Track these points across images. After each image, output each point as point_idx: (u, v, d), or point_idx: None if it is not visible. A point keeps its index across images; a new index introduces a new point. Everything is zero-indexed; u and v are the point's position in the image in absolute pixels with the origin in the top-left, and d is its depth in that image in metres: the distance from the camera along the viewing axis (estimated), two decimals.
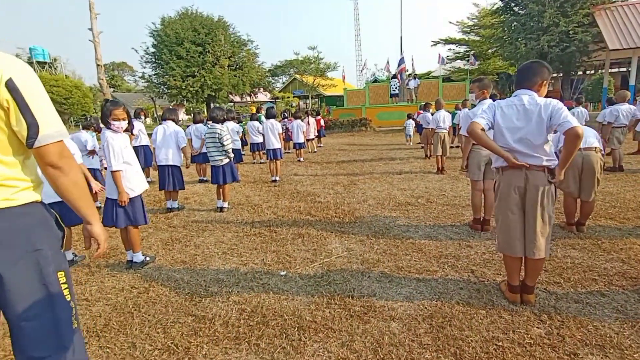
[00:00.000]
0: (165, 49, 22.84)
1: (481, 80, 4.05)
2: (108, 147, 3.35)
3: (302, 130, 10.01)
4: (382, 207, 5.28)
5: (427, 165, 8.48)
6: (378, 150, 11.73)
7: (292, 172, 8.57)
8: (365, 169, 8.42)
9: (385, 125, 19.05)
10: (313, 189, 6.70)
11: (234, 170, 5.41)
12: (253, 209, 5.51)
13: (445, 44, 31.79)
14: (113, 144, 3.35)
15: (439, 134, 7.37)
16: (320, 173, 8.28)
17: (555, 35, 18.30)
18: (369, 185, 6.71)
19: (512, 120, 2.52)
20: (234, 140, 7.62)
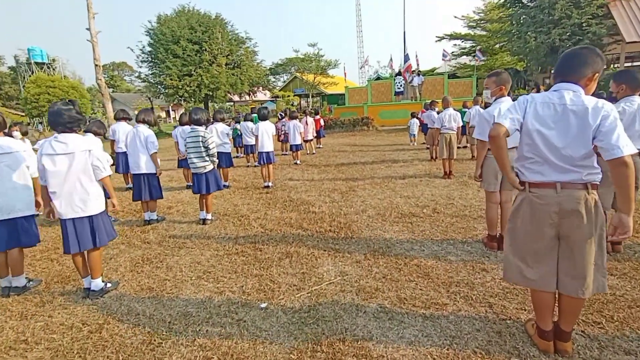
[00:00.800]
0: (161, 47, 22.44)
1: (499, 74, 3.50)
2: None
3: (299, 131, 9.50)
4: (383, 218, 4.76)
5: (433, 169, 7.94)
6: (380, 152, 11.20)
7: (287, 177, 8.06)
8: (365, 173, 7.89)
9: (388, 125, 18.49)
10: (308, 196, 6.19)
11: (218, 178, 4.91)
12: (239, 221, 5.01)
13: (450, 39, 31.14)
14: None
15: (444, 135, 6.82)
16: (317, 178, 7.77)
17: (567, 28, 17.63)
18: (369, 192, 6.18)
19: (547, 124, 1.99)
20: (224, 143, 7.13)
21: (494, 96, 3.54)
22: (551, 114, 1.98)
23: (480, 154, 3.58)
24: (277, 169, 9.23)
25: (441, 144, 6.85)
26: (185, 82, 22.19)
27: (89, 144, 3.07)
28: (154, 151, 4.79)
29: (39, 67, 41.50)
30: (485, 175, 3.57)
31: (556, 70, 2.11)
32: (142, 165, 4.83)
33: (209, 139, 4.64)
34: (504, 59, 29.37)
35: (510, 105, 2.13)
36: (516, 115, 2.06)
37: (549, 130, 1.98)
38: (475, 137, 3.64)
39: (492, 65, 29.46)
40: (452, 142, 6.79)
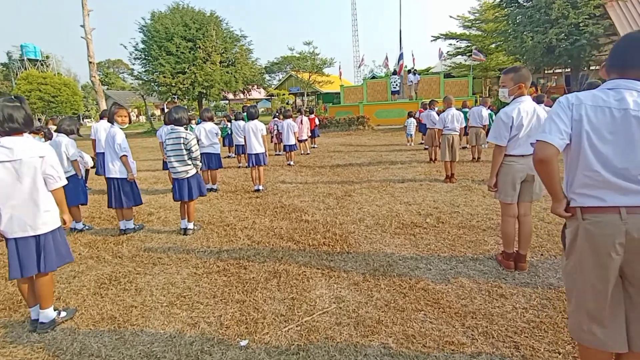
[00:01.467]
0: (154, 45, 21.72)
1: (517, 70, 3.01)
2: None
3: (293, 131, 8.96)
4: (383, 229, 4.26)
5: (433, 171, 7.46)
6: (377, 152, 10.70)
7: (279, 179, 7.53)
8: (362, 176, 7.39)
9: (384, 124, 18.01)
10: (301, 202, 5.67)
11: (202, 184, 4.37)
12: (224, 231, 4.47)
13: (446, 39, 30.69)
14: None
15: (447, 136, 6.33)
16: (311, 180, 7.25)
17: (564, 28, 17.23)
18: (367, 198, 5.68)
19: (602, 134, 1.48)
20: (213, 143, 6.58)
21: (512, 95, 3.04)
22: (607, 121, 1.47)
23: (496, 161, 3.08)
24: (269, 170, 8.69)
25: (443, 146, 6.36)
26: (178, 79, 21.51)
27: (40, 150, 2.53)
28: (122, 154, 4.23)
29: (33, 64, 40.44)
30: (502, 185, 3.08)
31: (614, 62, 1.58)
32: (116, 168, 4.28)
33: (191, 140, 4.10)
34: (499, 59, 29.00)
35: (552, 111, 1.61)
36: (563, 125, 1.54)
37: (604, 143, 1.47)
38: (490, 140, 3.14)
39: (487, 65, 29.07)
40: (455, 144, 6.30)
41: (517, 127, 2.95)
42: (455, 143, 6.31)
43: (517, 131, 2.96)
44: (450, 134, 6.32)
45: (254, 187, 6.60)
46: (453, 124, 6.31)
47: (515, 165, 3.01)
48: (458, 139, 6.37)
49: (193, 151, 4.09)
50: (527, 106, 2.97)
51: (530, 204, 3.15)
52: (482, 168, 7.51)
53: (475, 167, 7.72)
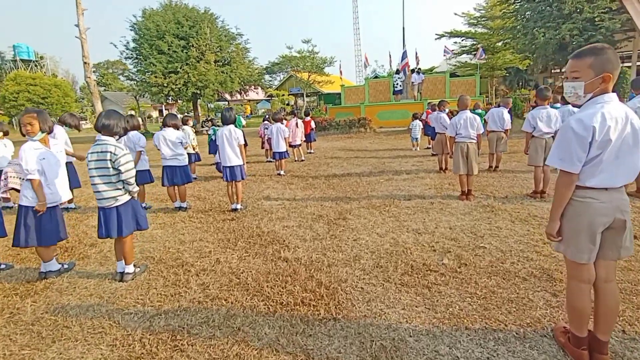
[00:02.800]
0: (145, 43, 20.70)
1: (599, 52, 1.87)
2: None
3: (284, 136, 7.86)
4: (385, 275, 3.14)
5: (444, 184, 6.33)
6: (379, 159, 9.58)
7: (263, 194, 6.42)
8: (361, 190, 6.27)
9: (386, 126, 16.88)
10: (283, 228, 4.56)
11: (139, 213, 3.27)
12: (174, 276, 3.37)
13: (450, 37, 29.52)
14: None
15: (460, 145, 5.19)
16: (301, 196, 6.14)
17: (578, 23, 16.05)
18: (365, 222, 4.56)
19: None
20: (177, 154, 5.48)
21: (589, 92, 1.91)
22: None
23: (563, 196, 1.96)
24: (255, 181, 7.59)
25: (457, 157, 5.23)
26: (170, 79, 20.46)
27: None
28: (29, 176, 3.13)
29: (26, 65, 39.61)
30: (572, 234, 1.95)
31: None
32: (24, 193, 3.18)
33: (122, 157, 3.00)
34: (506, 57, 27.81)
35: None
36: None
37: None
38: (553, 164, 2.01)
39: (493, 63, 27.88)
40: (470, 154, 5.17)
41: (601, 144, 1.83)
42: (471, 153, 5.17)
43: (601, 150, 1.84)
44: (464, 142, 5.18)
45: (231, 206, 5.50)
46: (467, 130, 5.16)
47: (594, 204, 1.89)
48: (475, 148, 5.22)
49: (123, 171, 2.99)
50: (615, 110, 1.85)
51: (615, 264, 2.03)
52: (502, 180, 6.38)
53: (494, 178, 6.58)
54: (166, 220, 5.16)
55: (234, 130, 5.17)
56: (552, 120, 4.95)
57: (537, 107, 5.05)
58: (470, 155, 5.17)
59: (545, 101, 5.00)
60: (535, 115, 4.98)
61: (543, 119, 4.95)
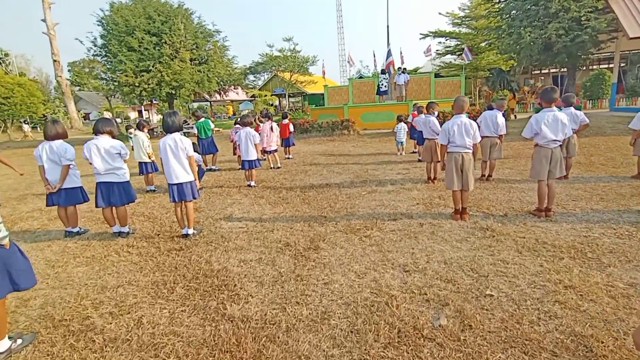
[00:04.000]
0: (113, 39, 19.30)
1: None
2: None
3: (254, 142, 6.90)
4: (363, 347, 2.26)
5: (434, 197, 5.52)
6: (361, 165, 8.74)
7: (225, 212, 5.46)
8: (339, 207, 5.39)
9: (371, 128, 16.10)
10: (240, 262, 3.64)
11: (15, 266, 2.29)
12: (68, 353, 2.40)
13: (435, 36, 29.08)
14: None
15: (454, 155, 4.38)
16: (269, 215, 5.21)
17: (564, 22, 15.65)
18: (341, 255, 3.68)
19: None
20: (115, 169, 4.47)
21: None
22: None
23: None
24: (220, 194, 6.62)
25: (450, 170, 4.41)
26: (142, 78, 19.13)
27: None
28: None
29: None
30: None
31: None
32: None
33: None
34: (489, 58, 27.55)
35: None
36: None
37: None
38: None
39: (477, 64, 27.58)
40: (466, 167, 4.36)
41: None
42: (467, 165, 4.36)
43: None
44: (458, 152, 4.37)
45: (181, 231, 4.53)
46: (462, 138, 4.34)
47: None
48: (471, 159, 4.41)
49: None
50: None
51: None
52: (498, 193, 5.62)
53: (488, 189, 5.82)
54: (97, 252, 4.16)
55: (180, 140, 4.21)
56: (559, 126, 4.20)
57: (542, 110, 4.28)
58: (465, 167, 4.36)
59: (551, 103, 4.23)
60: (540, 119, 4.22)
61: (549, 124, 4.19)
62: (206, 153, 9.19)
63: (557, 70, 29.91)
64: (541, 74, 33.51)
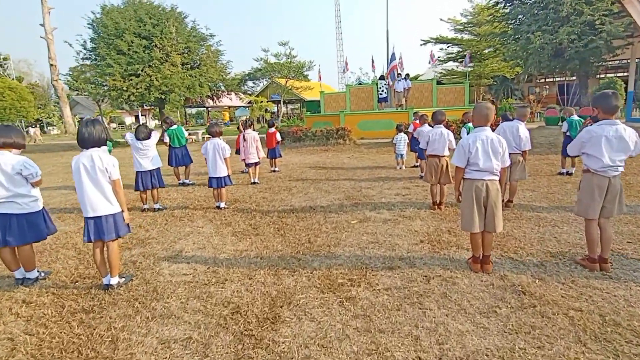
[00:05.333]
0: (102, 42, 18.27)
1: None
2: None
3: (223, 156, 5.68)
4: None
5: (443, 232, 4.28)
6: (355, 182, 7.52)
7: (174, 249, 4.21)
8: (320, 243, 4.15)
9: (368, 137, 14.90)
10: (158, 340, 2.40)
11: None
12: None
13: (436, 43, 28.05)
14: None
15: (476, 183, 3.12)
16: (228, 255, 3.98)
17: (577, 27, 14.51)
18: (310, 332, 2.45)
19: None
20: (16, 195, 3.26)
21: None
22: None
23: None
24: (181, 219, 5.39)
25: (469, 203, 3.16)
26: (131, 83, 18.04)
27: None
28: None
29: None
30: None
31: None
32: None
33: None
34: (493, 65, 26.46)
35: None
36: None
37: None
38: None
39: (480, 71, 26.50)
40: (491, 199, 3.12)
41: None
42: (493, 197, 3.12)
43: None
44: (480, 180, 3.13)
45: (102, 280, 3.30)
46: (488, 161, 3.09)
47: None
48: (497, 189, 3.17)
49: None
50: None
51: None
52: (525, 226, 4.38)
53: (512, 221, 4.58)
54: None
55: (99, 158, 3.01)
56: (622, 145, 2.97)
57: (599, 123, 3.06)
58: (491, 201, 3.12)
59: (613, 114, 3.01)
60: (596, 134, 3.00)
61: (609, 142, 2.97)
62: (179, 165, 7.99)
63: (563, 79, 28.80)
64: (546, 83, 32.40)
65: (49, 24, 35.69)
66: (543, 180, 6.88)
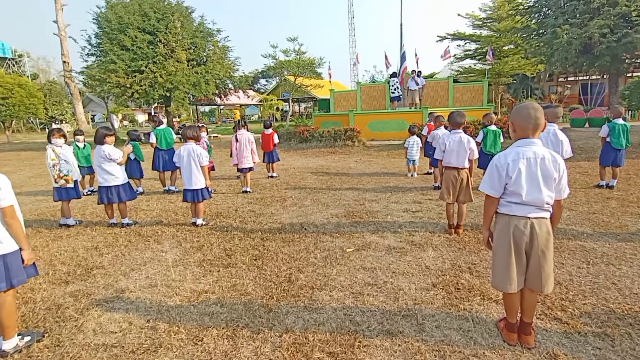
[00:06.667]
0: (105, 37, 17.76)
1: None
2: None
3: (199, 164, 4.79)
4: None
5: (462, 270, 3.29)
6: (359, 192, 6.55)
7: (117, 287, 3.33)
8: (304, 279, 3.22)
9: (379, 138, 13.84)
10: None
11: None
12: None
13: (453, 39, 26.54)
14: None
15: (518, 222, 2.05)
16: (181, 299, 3.09)
17: (610, 19, 13.07)
18: None
19: None
20: None
21: None
22: None
23: None
24: (146, 240, 4.53)
25: (504, 252, 2.15)
26: (134, 79, 17.47)
27: None
28: None
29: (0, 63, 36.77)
30: None
31: None
32: None
33: None
34: (513, 63, 24.83)
35: None
36: None
37: None
38: None
39: (500, 69, 24.91)
40: (539, 244, 2.11)
41: None
42: (541, 241, 2.10)
43: None
44: (524, 219, 2.09)
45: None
46: (535, 191, 2.01)
47: None
48: (548, 230, 2.13)
49: None
50: None
51: None
52: (568, 264, 3.34)
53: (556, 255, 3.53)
54: None
55: None
56: None
57: None
58: (538, 248, 2.11)
59: None
60: None
61: None
62: (166, 169, 7.18)
63: (586, 78, 26.92)
64: (568, 82, 30.44)
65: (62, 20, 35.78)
66: (579, 195, 5.77)
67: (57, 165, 5.05)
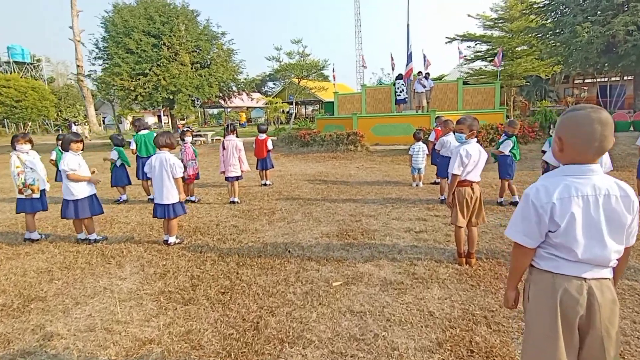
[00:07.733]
0: (111, 41, 17.49)
1: None
2: None
3: (172, 176, 4.15)
4: None
5: (476, 316, 2.54)
6: (357, 204, 5.82)
7: (48, 330, 2.70)
8: (272, 333, 2.53)
9: (383, 143, 13.05)
10: None
11: None
12: None
13: (463, 40, 25.49)
14: None
15: (567, 285, 1.32)
16: (123, 347, 2.43)
17: (636, 16, 12.02)
18: None
19: None
20: None
21: None
22: None
23: None
24: (108, 262, 3.90)
25: (548, 327, 1.42)
26: (138, 82, 17.12)
27: None
28: None
29: (20, 67, 37.25)
30: None
31: None
32: None
33: None
34: (526, 64, 23.69)
35: None
36: None
37: None
38: None
39: (512, 71, 23.78)
40: (601, 321, 1.36)
41: None
42: (604, 314, 1.36)
43: None
44: (578, 281, 1.36)
45: None
46: (597, 244, 1.30)
47: None
48: (612, 298, 1.39)
49: None
50: None
51: None
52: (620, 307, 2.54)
53: None
54: None
55: None
56: None
57: None
58: (600, 324, 1.36)
59: None
60: None
61: None
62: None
63: (605, 79, 25.54)
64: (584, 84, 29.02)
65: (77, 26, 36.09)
66: None
67: (22, 173, 4.52)
